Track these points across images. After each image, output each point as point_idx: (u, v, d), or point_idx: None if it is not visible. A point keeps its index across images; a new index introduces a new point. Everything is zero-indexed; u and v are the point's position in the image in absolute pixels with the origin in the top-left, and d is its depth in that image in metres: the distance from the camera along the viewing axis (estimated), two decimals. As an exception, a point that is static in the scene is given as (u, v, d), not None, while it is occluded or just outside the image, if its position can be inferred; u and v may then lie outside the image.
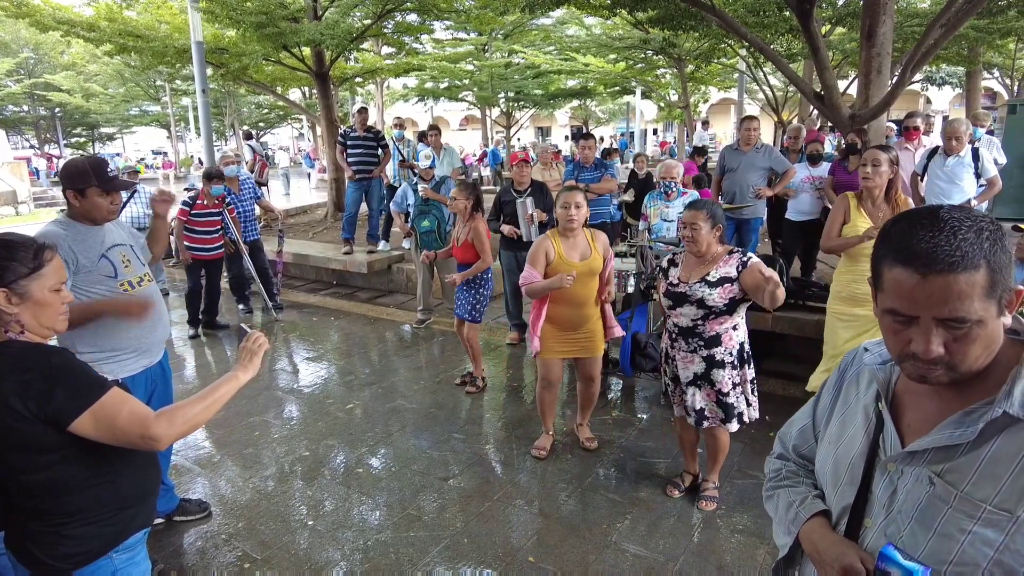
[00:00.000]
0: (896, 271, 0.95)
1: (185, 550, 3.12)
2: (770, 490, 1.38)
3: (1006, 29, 11.42)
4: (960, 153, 5.08)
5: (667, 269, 3.23)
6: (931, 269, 0.91)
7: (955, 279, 0.90)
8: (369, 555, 3.02)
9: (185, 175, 27.99)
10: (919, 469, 1.03)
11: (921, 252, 0.92)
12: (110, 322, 2.68)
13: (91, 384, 1.61)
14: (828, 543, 1.15)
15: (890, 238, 0.98)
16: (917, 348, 0.95)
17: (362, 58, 15.10)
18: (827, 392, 1.31)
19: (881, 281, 0.99)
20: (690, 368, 3.15)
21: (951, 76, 21.92)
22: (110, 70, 26.43)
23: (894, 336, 1.00)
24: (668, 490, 3.46)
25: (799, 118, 15.21)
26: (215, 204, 6.31)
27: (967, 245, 0.91)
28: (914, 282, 0.93)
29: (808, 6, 5.97)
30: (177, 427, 1.67)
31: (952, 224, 0.92)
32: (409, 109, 28.33)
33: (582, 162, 6.38)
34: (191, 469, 3.86)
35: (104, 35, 10.04)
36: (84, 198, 2.63)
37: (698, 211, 3.04)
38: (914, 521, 1.02)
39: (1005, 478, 0.94)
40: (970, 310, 0.91)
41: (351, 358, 5.80)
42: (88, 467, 1.66)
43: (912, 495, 1.03)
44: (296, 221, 11.71)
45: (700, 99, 26.10)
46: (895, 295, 0.96)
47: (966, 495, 0.97)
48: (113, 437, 1.61)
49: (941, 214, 0.94)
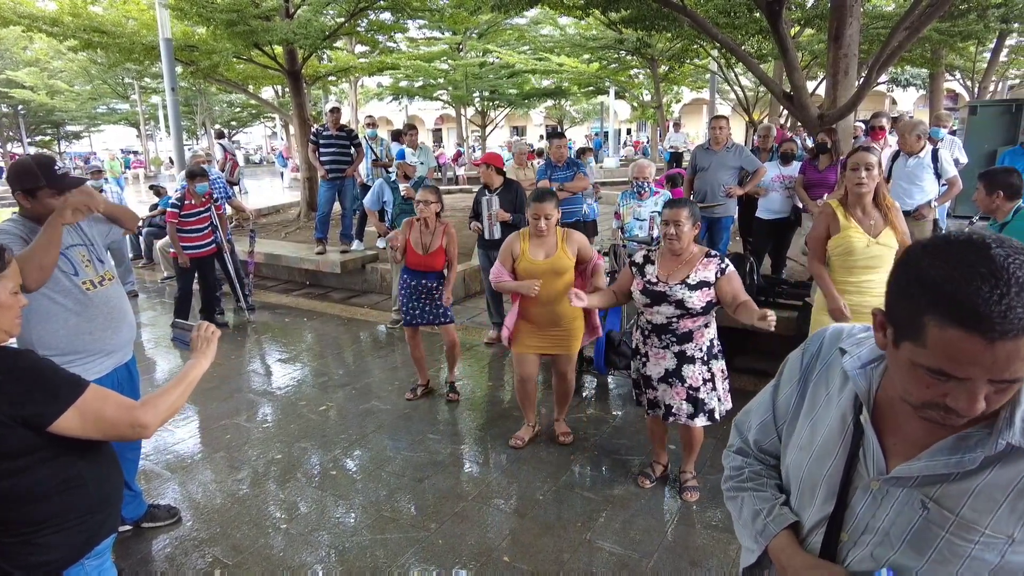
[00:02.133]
0: (952, 332, 0.80)
1: (154, 557, 3.07)
2: (732, 490, 1.33)
3: (967, 32, 11.73)
4: (920, 154, 5.20)
5: (642, 266, 3.19)
6: (1003, 336, 0.77)
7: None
8: (344, 557, 3.00)
9: (156, 174, 27.51)
10: (908, 491, 0.98)
11: (991, 315, 0.77)
12: (71, 323, 2.61)
13: (69, 382, 1.62)
14: (801, 564, 1.11)
15: (937, 288, 0.82)
16: (957, 405, 0.86)
17: (335, 56, 14.96)
18: (788, 384, 1.23)
19: (922, 337, 0.84)
20: (661, 364, 3.18)
21: (915, 78, 22.41)
22: (76, 67, 25.80)
23: (926, 388, 0.88)
24: (640, 480, 3.50)
25: (770, 118, 15.44)
26: (202, 202, 6.23)
27: None
28: (979, 348, 0.79)
29: (777, 7, 6.06)
30: (162, 413, 1.72)
31: (1016, 275, 0.78)
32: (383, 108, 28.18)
33: (554, 161, 6.40)
34: (160, 474, 3.79)
35: (68, 30, 9.80)
36: (34, 199, 2.54)
37: (681, 209, 3.04)
38: (906, 544, 0.99)
39: (1002, 502, 0.91)
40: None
41: (325, 359, 5.75)
42: (58, 472, 1.63)
43: (903, 517, 0.99)
44: (268, 221, 11.56)
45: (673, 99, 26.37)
46: (945, 357, 0.82)
47: (963, 520, 0.93)
48: (101, 430, 1.62)
49: (996, 258, 0.79)
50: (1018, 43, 17.87)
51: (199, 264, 6.30)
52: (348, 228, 8.55)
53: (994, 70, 17.72)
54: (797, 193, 5.86)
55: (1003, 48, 16.77)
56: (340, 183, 8.24)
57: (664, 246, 3.14)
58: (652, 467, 3.58)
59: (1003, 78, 23.28)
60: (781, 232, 6.19)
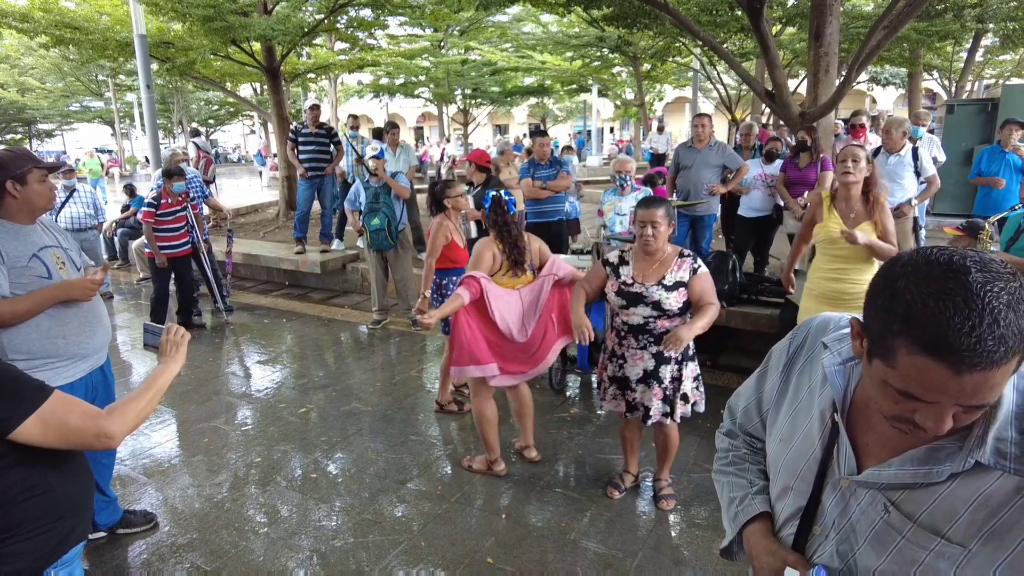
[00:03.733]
0: (921, 360, 0.80)
1: (129, 564, 2.99)
2: (718, 472, 1.37)
3: (944, 32, 11.89)
4: (901, 152, 5.24)
5: (617, 266, 3.10)
6: (971, 367, 0.78)
7: (993, 374, 0.79)
8: (326, 561, 2.95)
9: (131, 173, 27.07)
10: (874, 492, 1.00)
11: (960, 347, 0.77)
12: (44, 327, 2.54)
13: (32, 388, 1.56)
14: (762, 549, 1.16)
15: (909, 312, 0.81)
16: (924, 424, 0.87)
17: (315, 53, 14.80)
18: (775, 371, 1.25)
19: (893, 359, 0.84)
20: (639, 365, 3.11)
21: (895, 77, 22.70)
22: (47, 63, 25.33)
23: (895, 404, 0.89)
24: (609, 491, 3.40)
25: (752, 116, 15.55)
26: (179, 201, 6.12)
27: (1010, 334, 0.77)
28: (945, 378, 0.79)
29: (758, 6, 6.08)
30: (129, 422, 1.67)
31: (991, 305, 0.77)
32: (364, 105, 27.98)
33: (537, 160, 6.37)
34: (136, 479, 3.70)
35: (39, 26, 9.57)
36: (24, 185, 2.48)
37: (655, 209, 2.96)
38: (867, 543, 1.00)
39: (962, 513, 0.91)
40: (997, 395, 0.82)
41: (305, 360, 5.67)
42: (24, 479, 1.58)
43: (867, 516, 1.01)
44: (246, 220, 11.42)
45: (655, 97, 26.49)
46: (915, 383, 0.83)
47: (921, 527, 0.94)
48: (64, 440, 1.56)
49: (973, 286, 0.78)
50: (993, 43, 18.16)
51: (176, 264, 6.19)
52: (328, 227, 8.45)
53: (970, 70, 17.99)
54: (778, 191, 5.88)
55: (979, 48, 17.04)
56: (320, 182, 8.14)
57: (638, 246, 3.07)
58: (622, 477, 3.48)
59: (979, 78, 23.65)
60: (763, 230, 6.22)
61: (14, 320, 2.44)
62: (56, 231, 2.76)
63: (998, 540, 0.89)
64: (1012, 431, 0.89)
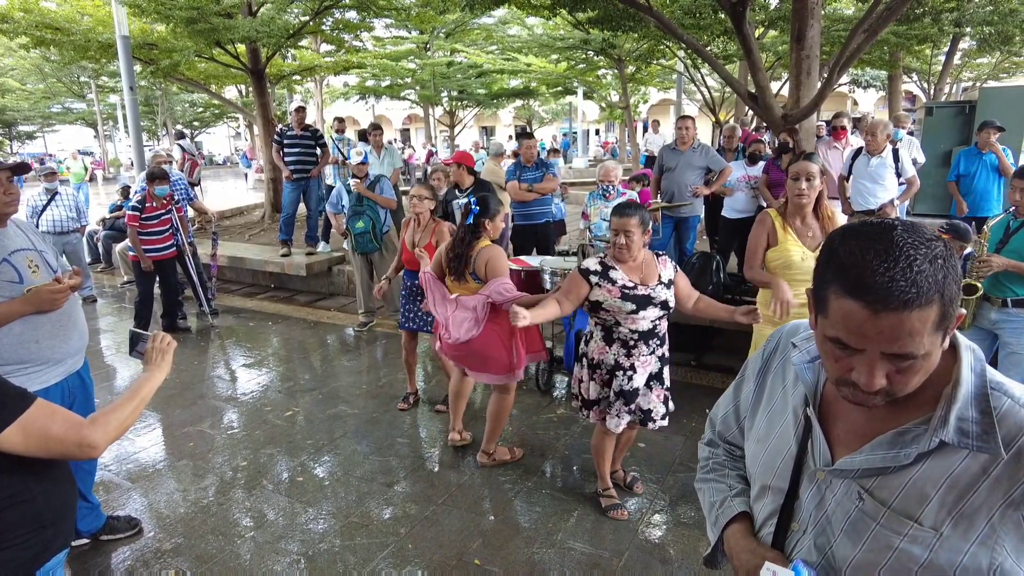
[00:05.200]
0: (845, 303, 0.87)
1: (112, 570, 2.97)
2: (699, 482, 1.39)
3: (923, 35, 12.04)
4: (882, 154, 5.32)
5: (604, 273, 2.96)
6: (885, 306, 0.84)
7: (908, 317, 0.84)
8: (313, 564, 2.94)
9: (115, 176, 26.77)
10: (848, 482, 1.02)
11: (875, 286, 0.84)
12: (16, 331, 2.49)
13: (13, 396, 1.53)
14: (740, 548, 1.18)
15: (838, 262, 0.89)
16: (859, 379, 0.91)
17: (300, 55, 14.73)
18: (750, 379, 1.29)
19: (826, 308, 0.92)
20: (647, 370, 3.05)
21: (875, 79, 23.00)
22: (28, 64, 24.99)
23: (835, 362, 0.94)
24: (619, 514, 3.23)
25: (735, 118, 15.68)
26: (163, 204, 6.09)
27: (922, 279, 0.83)
28: (864, 317, 0.86)
29: (741, 9, 6.15)
30: (112, 432, 1.65)
31: (907, 253, 0.84)
32: (350, 107, 27.88)
33: (524, 162, 6.39)
34: (120, 484, 3.67)
35: (19, 27, 9.46)
36: None
37: (630, 217, 2.88)
38: (843, 534, 1.02)
39: (932, 496, 0.94)
40: (919, 345, 0.86)
41: (291, 363, 5.65)
42: (4, 487, 1.56)
43: (842, 507, 1.03)
44: (231, 223, 11.33)
45: (640, 99, 26.62)
46: (842, 326, 0.89)
47: (894, 512, 0.96)
48: (45, 449, 1.53)
49: (895, 238, 0.86)
50: (970, 46, 18.45)
51: (160, 267, 6.15)
52: (313, 230, 8.42)
53: (948, 72, 18.26)
54: (760, 192, 5.95)
55: (956, 51, 17.30)
56: (305, 184, 8.11)
57: (611, 253, 2.99)
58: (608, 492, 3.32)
59: (957, 80, 24.04)
60: (746, 231, 6.15)
61: None
62: (31, 233, 2.71)
63: (968, 522, 0.92)
64: (972, 411, 0.93)
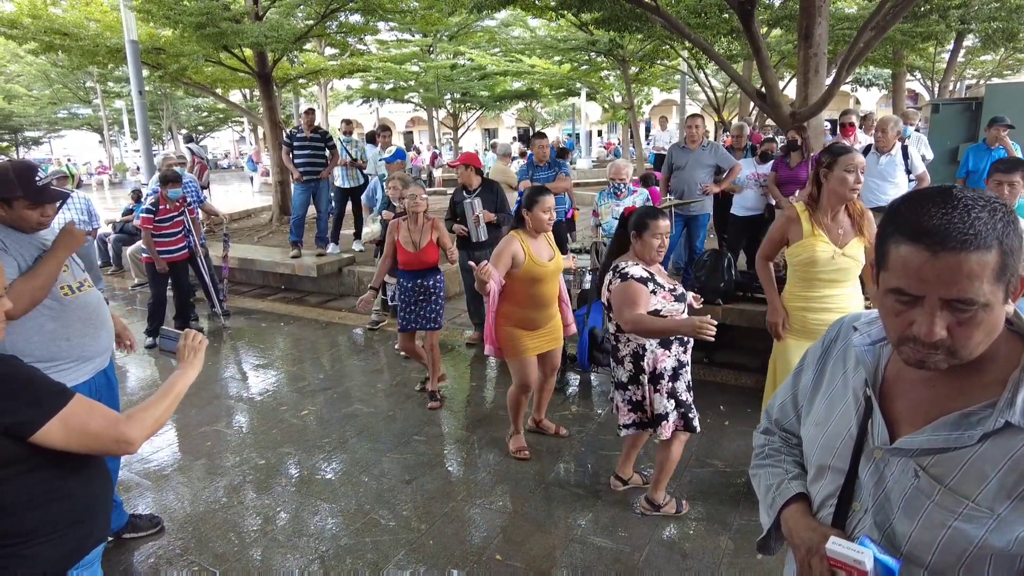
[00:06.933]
0: (904, 248, 0.91)
1: (136, 568, 2.99)
2: (754, 468, 1.39)
3: (927, 33, 12.04)
4: (891, 152, 5.33)
5: (653, 279, 2.95)
6: (943, 246, 0.87)
7: (967, 258, 0.86)
8: (333, 562, 2.96)
9: (120, 180, 26.87)
10: (905, 460, 1.02)
11: (933, 228, 0.88)
12: (48, 328, 2.53)
13: (53, 391, 1.55)
14: (800, 527, 1.17)
15: (899, 215, 0.94)
16: (919, 331, 0.92)
17: (305, 59, 14.78)
18: (810, 368, 1.29)
19: (886, 260, 0.95)
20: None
21: (878, 78, 22.95)
22: (34, 70, 25.13)
23: (895, 318, 0.96)
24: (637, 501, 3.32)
25: (740, 117, 15.68)
26: (176, 207, 6.13)
27: (980, 224, 0.87)
28: (923, 259, 0.89)
29: (749, 7, 6.15)
30: (148, 428, 1.68)
31: (965, 202, 0.89)
32: (354, 110, 27.94)
33: (536, 161, 6.41)
34: (140, 483, 3.70)
35: (28, 32, 9.54)
36: (10, 209, 2.43)
37: (668, 222, 3.00)
38: (901, 511, 1.02)
39: (991, 477, 0.93)
40: (979, 292, 0.87)
41: (303, 364, 5.68)
42: (43, 481, 1.58)
43: (899, 485, 1.03)
44: (240, 225, 11.37)
45: (643, 100, 26.61)
46: (902, 273, 0.92)
47: (949, 491, 0.96)
48: (84, 444, 1.56)
49: (954, 192, 0.91)
50: (974, 44, 18.42)
51: (173, 269, 6.18)
52: (323, 231, 8.45)
53: (952, 70, 18.23)
54: (770, 190, 5.95)
55: (961, 49, 17.28)
56: (314, 185, 8.14)
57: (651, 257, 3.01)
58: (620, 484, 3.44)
59: (961, 78, 23.98)
60: (755, 228, 6.27)
61: (37, 295, 2.40)
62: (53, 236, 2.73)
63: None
64: None
